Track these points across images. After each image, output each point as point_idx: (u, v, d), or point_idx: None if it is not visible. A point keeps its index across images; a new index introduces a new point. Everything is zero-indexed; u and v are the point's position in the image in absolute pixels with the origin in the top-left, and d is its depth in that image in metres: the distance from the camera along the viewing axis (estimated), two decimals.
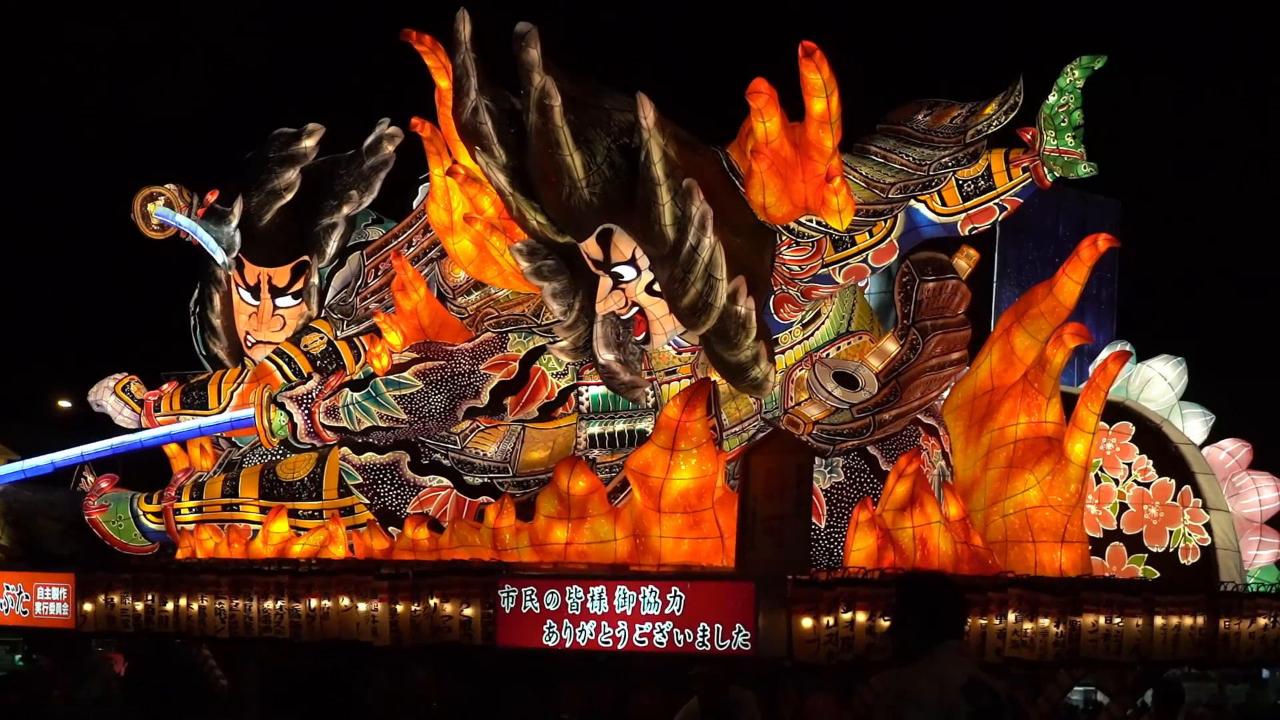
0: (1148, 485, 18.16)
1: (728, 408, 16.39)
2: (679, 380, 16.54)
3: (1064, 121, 16.00)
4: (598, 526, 15.18)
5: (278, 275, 19.39)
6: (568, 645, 14.75)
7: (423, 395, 17.25)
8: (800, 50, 14.67)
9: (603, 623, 14.55)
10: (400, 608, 15.72)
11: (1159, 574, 17.78)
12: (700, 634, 14.09)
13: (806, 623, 13.99)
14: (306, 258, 19.26)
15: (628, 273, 15.93)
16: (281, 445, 18.37)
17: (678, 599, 14.19)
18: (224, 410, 18.78)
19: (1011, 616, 15.02)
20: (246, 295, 19.53)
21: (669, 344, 16.45)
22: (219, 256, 19.15)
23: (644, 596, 14.32)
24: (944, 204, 16.35)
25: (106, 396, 19.47)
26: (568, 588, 14.74)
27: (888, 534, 14.96)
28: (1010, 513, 16.57)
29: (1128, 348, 18.97)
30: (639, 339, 16.14)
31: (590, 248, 15.99)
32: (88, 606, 17.86)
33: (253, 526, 18.10)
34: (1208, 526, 17.97)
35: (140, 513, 18.98)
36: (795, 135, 15.44)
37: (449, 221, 17.03)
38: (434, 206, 17.17)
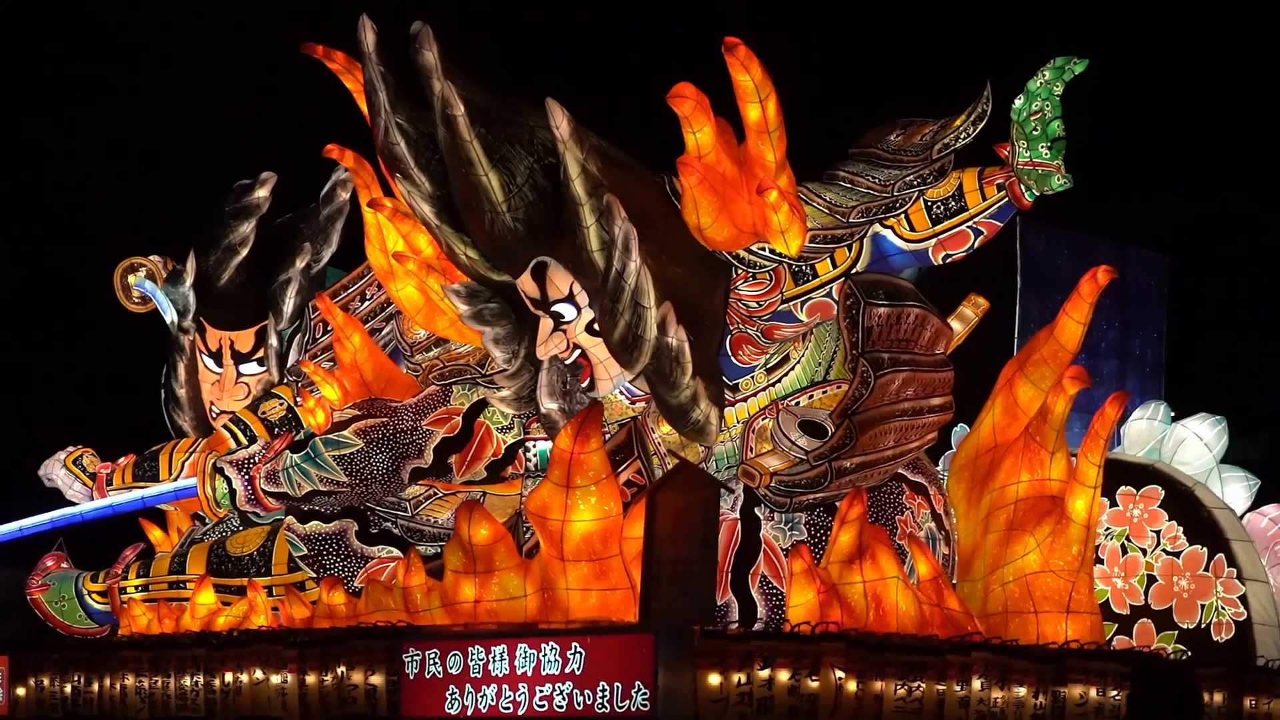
0: (1178, 555, 16.29)
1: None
2: None
3: (1036, 130, 14.31)
4: (506, 581, 13.60)
5: (240, 340, 18.21)
6: (469, 713, 13.19)
7: (363, 455, 15.83)
8: (723, 47, 13.21)
9: (504, 686, 12.98)
10: (310, 679, 14.30)
11: (1190, 653, 15.88)
12: (600, 695, 12.46)
13: (713, 680, 12.33)
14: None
15: (568, 311, 14.49)
16: (239, 518, 17.12)
17: (578, 656, 12.59)
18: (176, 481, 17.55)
19: (976, 684, 13.24)
20: (210, 362, 18.36)
21: (620, 392, 14.93)
22: (169, 316, 18.03)
23: (545, 655, 12.75)
24: (912, 229, 14.73)
25: (57, 470, 18.41)
26: (470, 648, 13.20)
27: (833, 589, 13.27)
28: (1010, 580, 14.85)
29: (1163, 405, 17.29)
30: (584, 386, 14.66)
31: (526, 285, 14.58)
32: (20, 691, 16.62)
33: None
34: (1243, 599, 16.05)
35: (85, 592, 17.76)
36: (739, 154, 13.98)
37: (388, 265, 15.71)
38: (371, 248, 15.87)
